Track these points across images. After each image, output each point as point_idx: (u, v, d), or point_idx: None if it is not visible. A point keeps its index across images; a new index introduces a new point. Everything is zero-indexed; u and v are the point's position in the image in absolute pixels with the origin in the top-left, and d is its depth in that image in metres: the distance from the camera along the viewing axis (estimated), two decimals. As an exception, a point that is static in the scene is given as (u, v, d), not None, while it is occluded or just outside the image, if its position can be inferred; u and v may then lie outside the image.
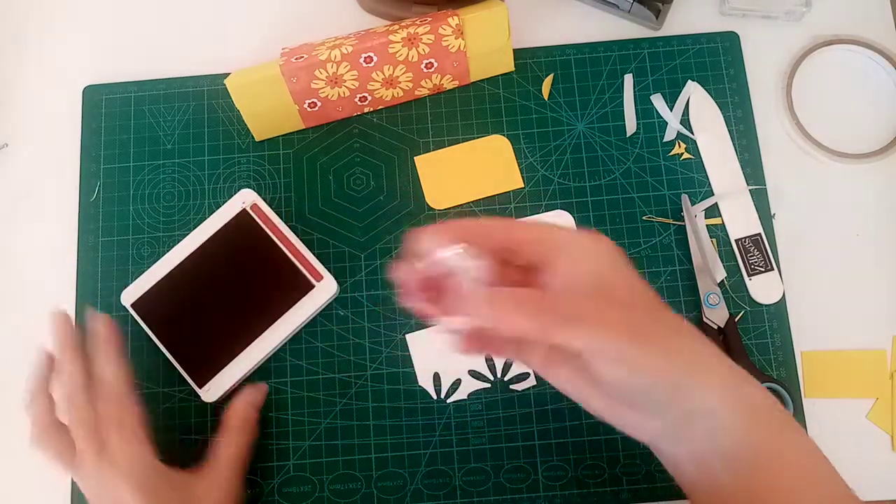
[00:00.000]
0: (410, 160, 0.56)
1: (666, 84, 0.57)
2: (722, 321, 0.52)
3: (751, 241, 0.54)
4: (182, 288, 0.52)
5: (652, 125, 0.56)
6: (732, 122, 0.56)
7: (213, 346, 0.51)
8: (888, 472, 0.50)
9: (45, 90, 0.59)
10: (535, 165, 0.56)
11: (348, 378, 0.52)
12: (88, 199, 0.56)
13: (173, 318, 0.52)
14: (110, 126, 0.57)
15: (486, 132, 0.57)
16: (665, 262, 0.54)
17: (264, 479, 0.51)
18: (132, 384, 0.46)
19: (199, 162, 0.56)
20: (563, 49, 0.58)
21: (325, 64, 0.52)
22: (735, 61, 0.57)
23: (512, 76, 0.57)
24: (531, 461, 0.51)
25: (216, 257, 0.53)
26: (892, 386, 0.52)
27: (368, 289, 0.54)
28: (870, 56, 0.57)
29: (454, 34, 0.53)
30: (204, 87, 0.58)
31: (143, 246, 0.55)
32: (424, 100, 0.57)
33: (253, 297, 0.52)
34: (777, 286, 0.53)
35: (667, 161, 0.56)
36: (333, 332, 0.53)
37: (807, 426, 0.51)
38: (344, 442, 0.51)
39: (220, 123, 0.57)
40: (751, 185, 0.55)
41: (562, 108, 0.57)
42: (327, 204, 0.55)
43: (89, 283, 0.54)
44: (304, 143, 0.57)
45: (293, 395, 0.52)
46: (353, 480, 0.51)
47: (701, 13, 0.59)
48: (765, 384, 0.50)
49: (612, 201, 0.55)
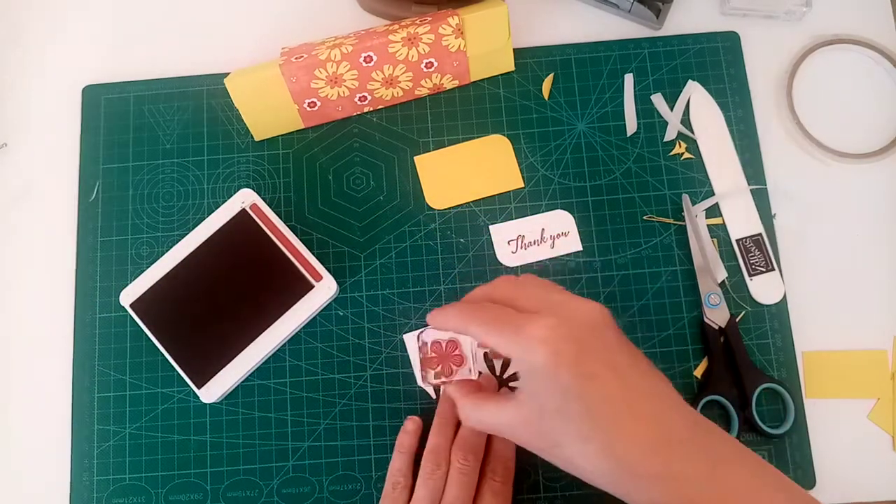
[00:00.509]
0: (410, 160, 0.56)
1: (666, 84, 0.57)
2: (723, 321, 0.52)
3: (752, 241, 0.54)
4: (181, 288, 0.52)
5: (652, 125, 0.56)
6: (733, 122, 0.56)
7: (212, 346, 0.51)
8: (889, 472, 0.50)
9: (45, 90, 0.59)
10: (535, 165, 0.56)
11: (348, 378, 0.52)
12: (88, 199, 0.56)
13: (172, 318, 0.52)
14: (110, 126, 0.57)
15: (486, 132, 0.56)
16: (666, 262, 0.54)
17: (264, 479, 0.51)
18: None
19: (198, 162, 0.56)
20: (563, 49, 0.58)
21: (325, 64, 0.52)
22: (735, 61, 0.57)
23: (512, 76, 0.57)
24: (531, 461, 0.50)
25: (215, 257, 0.53)
26: (893, 386, 0.51)
27: (368, 289, 0.54)
28: (870, 56, 0.57)
29: (454, 34, 0.53)
30: (204, 87, 0.58)
31: (142, 246, 0.55)
32: (424, 100, 0.57)
33: (252, 297, 0.52)
34: (778, 286, 0.53)
35: (667, 161, 0.56)
36: (333, 333, 0.53)
37: (808, 426, 0.50)
38: (343, 442, 0.51)
39: (220, 123, 0.57)
40: (751, 184, 0.55)
41: (562, 107, 0.57)
42: (327, 204, 0.55)
43: (89, 283, 0.54)
44: (304, 143, 0.57)
45: (293, 395, 0.52)
46: (353, 481, 0.51)
47: (701, 13, 0.59)
48: (766, 384, 0.50)
49: (612, 201, 0.55)
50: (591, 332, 0.39)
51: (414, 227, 0.55)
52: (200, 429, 0.51)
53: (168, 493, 0.51)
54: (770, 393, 0.51)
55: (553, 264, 0.54)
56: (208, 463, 0.51)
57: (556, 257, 0.54)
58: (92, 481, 0.51)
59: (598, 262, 0.54)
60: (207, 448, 0.51)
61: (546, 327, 0.38)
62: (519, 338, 0.38)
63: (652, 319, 0.53)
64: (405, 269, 0.54)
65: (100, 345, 0.53)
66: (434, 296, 0.53)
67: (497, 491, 0.45)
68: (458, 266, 0.54)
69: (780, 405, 0.51)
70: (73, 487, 0.51)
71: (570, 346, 0.37)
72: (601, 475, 0.38)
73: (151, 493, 0.51)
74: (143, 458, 0.51)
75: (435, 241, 0.54)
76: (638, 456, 0.37)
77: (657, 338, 0.52)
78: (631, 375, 0.38)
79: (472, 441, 0.46)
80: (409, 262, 0.54)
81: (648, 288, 0.53)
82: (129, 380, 0.52)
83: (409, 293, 0.53)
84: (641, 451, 0.37)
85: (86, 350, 0.53)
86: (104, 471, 0.51)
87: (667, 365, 0.52)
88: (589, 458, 0.37)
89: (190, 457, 0.51)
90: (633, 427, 0.37)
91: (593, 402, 0.37)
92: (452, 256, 0.54)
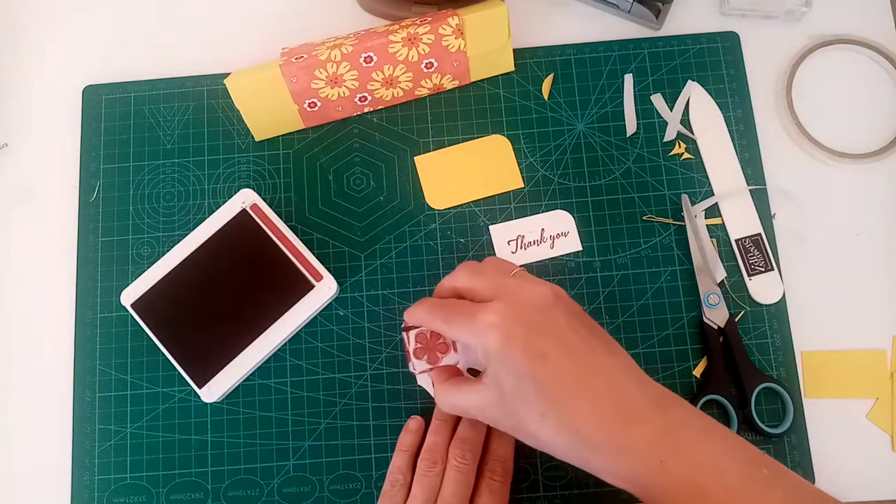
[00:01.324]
0: (410, 160, 0.56)
1: (666, 84, 0.57)
2: (722, 321, 0.52)
3: (751, 241, 0.54)
4: (182, 288, 0.52)
5: (652, 125, 0.56)
6: (732, 122, 0.56)
7: (213, 346, 0.51)
8: (888, 472, 0.50)
9: (45, 90, 0.59)
10: (535, 165, 0.56)
11: (348, 378, 0.52)
12: (88, 199, 0.56)
13: (173, 318, 0.52)
14: (110, 126, 0.57)
15: (486, 132, 0.57)
16: (665, 262, 0.54)
17: (264, 479, 0.51)
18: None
19: (198, 162, 0.56)
20: (563, 49, 0.58)
21: (325, 64, 0.52)
22: (735, 61, 0.57)
23: (512, 76, 0.57)
24: (531, 461, 0.51)
25: (216, 257, 0.53)
26: (892, 386, 0.52)
27: (368, 289, 0.54)
28: (870, 56, 0.57)
29: (454, 34, 0.53)
30: (204, 87, 0.58)
31: (142, 246, 0.55)
32: (424, 100, 0.57)
33: (253, 296, 0.52)
34: (777, 286, 0.53)
35: (667, 161, 0.56)
36: (333, 332, 0.53)
37: (807, 426, 0.51)
38: (344, 442, 0.51)
39: (220, 123, 0.57)
40: (751, 185, 0.55)
41: (562, 107, 0.57)
42: (327, 204, 0.55)
43: (89, 283, 0.54)
44: (304, 143, 0.57)
45: (293, 395, 0.52)
46: (353, 480, 0.51)
47: (701, 13, 0.59)
48: (765, 384, 0.50)
49: (612, 201, 0.55)
50: (540, 313, 0.40)
51: (414, 227, 0.55)
52: (201, 428, 0.52)
53: (169, 493, 0.51)
54: (769, 392, 0.51)
55: (553, 264, 0.54)
56: (209, 462, 0.51)
57: (556, 257, 0.54)
58: (93, 480, 0.51)
59: (597, 262, 0.54)
60: (208, 447, 0.51)
61: (496, 312, 0.40)
62: (473, 325, 0.41)
63: (651, 319, 0.53)
64: (405, 268, 0.54)
65: (100, 344, 0.53)
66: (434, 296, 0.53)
67: (495, 490, 0.45)
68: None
69: (779, 405, 0.51)
70: (73, 486, 0.51)
71: (519, 328, 0.39)
72: (562, 448, 0.39)
73: (152, 492, 0.51)
74: (144, 457, 0.51)
75: (435, 241, 0.54)
76: (592, 429, 0.38)
77: (656, 337, 0.52)
78: (583, 352, 0.39)
79: (470, 439, 0.46)
80: (409, 262, 0.54)
81: (648, 288, 0.53)
82: (129, 379, 0.52)
83: (409, 293, 0.54)
84: (595, 425, 0.38)
85: (86, 350, 0.53)
86: (105, 470, 0.51)
87: (666, 364, 0.52)
88: (549, 433, 0.39)
89: (191, 456, 0.51)
90: (586, 402, 0.38)
91: (545, 380, 0.39)
92: (452, 256, 0.54)
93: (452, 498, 0.44)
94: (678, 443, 0.38)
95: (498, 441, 0.47)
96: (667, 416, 0.39)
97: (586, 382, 0.39)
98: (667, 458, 0.37)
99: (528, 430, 0.40)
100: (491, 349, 0.39)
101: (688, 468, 0.37)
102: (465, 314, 0.42)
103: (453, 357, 0.46)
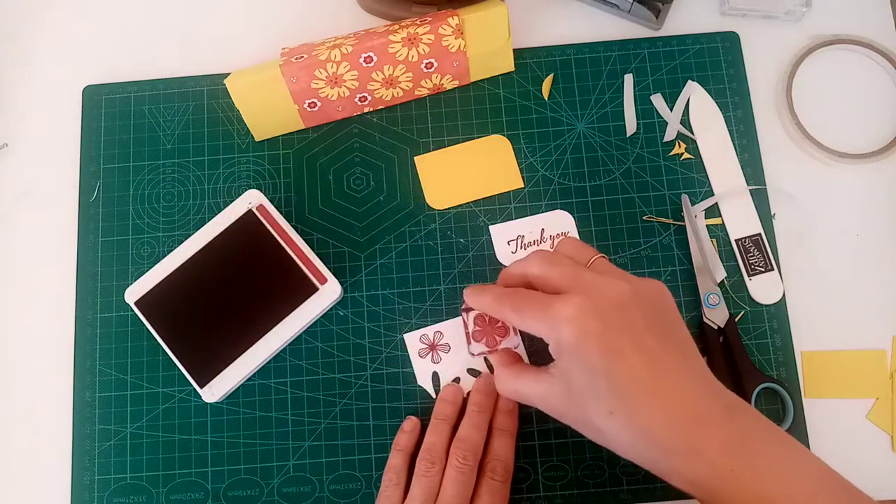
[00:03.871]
0: (410, 160, 0.56)
1: (666, 84, 0.57)
2: (722, 321, 0.52)
3: (751, 241, 0.54)
4: (186, 287, 0.52)
5: (652, 125, 0.56)
6: (732, 122, 0.56)
7: (216, 346, 0.51)
8: (888, 472, 0.51)
9: (45, 90, 0.59)
10: (535, 165, 0.56)
11: (348, 378, 0.52)
12: (88, 199, 0.56)
13: (176, 316, 0.52)
14: (110, 126, 0.57)
15: (486, 132, 0.57)
16: (665, 262, 0.54)
17: (264, 479, 0.51)
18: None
19: (198, 162, 0.56)
20: (563, 49, 0.58)
21: (325, 64, 0.52)
22: (735, 61, 0.57)
23: (512, 76, 0.57)
24: (531, 461, 0.51)
25: (221, 257, 0.53)
26: (892, 386, 0.52)
27: (368, 289, 0.54)
28: (870, 56, 0.57)
29: (454, 34, 0.53)
30: (204, 87, 0.58)
31: (142, 246, 0.55)
32: (424, 100, 0.57)
33: (257, 298, 0.52)
34: (777, 286, 0.53)
35: (667, 161, 0.56)
36: (333, 333, 0.53)
37: (807, 426, 0.51)
38: (344, 442, 0.51)
39: (220, 123, 0.57)
40: (751, 185, 0.55)
41: (562, 108, 0.57)
42: (327, 204, 0.55)
43: (89, 283, 0.54)
44: (304, 143, 0.57)
45: (293, 395, 0.52)
46: (353, 480, 0.51)
47: (701, 13, 0.59)
48: (765, 384, 0.50)
49: (612, 201, 0.55)
50: (617, 310, 0.39)
51: (414, 227, 0.55)
52: (201, 428, 0.52)
53: (169, 493, 0.51)
54: (769, 393, 0.51)
55: (553, 264, 0.54)
56: (209, 462, 0.51)
57: (556, 257, 0.54)
58: (93, 480, 0.51)
59: (597, 262, 0.54)
60: (208, 447, 0.51)
61: (573, 305, 0.39)
62: (547, 316, 0.40)
63: (651, 319, 0.53)
64: (405, 269, 0.54)
65: (100, 344, 0.53)
66: (434, 296, 0.53)
67: (495, 490, 0.45)
68: (458, 266, 0.54)
69: (779, 405, 0.51)
70: (73, 486, 0.51)
71: (595, 324, 0.38)
72: (628, 447, 0.39)
73: (152, 492, 0.51)
74: (143, 457, 0.51)
75: (435, 241, 0.54)
76: (662, 431, 0.37)
77: (657, 338, 0.52)
78: (658, 353, 0.39)
79: (471, 440, 0.46)
80: (409, 262, 0.54)
81: (648, 288, 0.53)
82: (130, 379, 0.52)
83: (410, 293, 0.54)
84: (666, 427, 0.37)
85: (87, 349, 0.53)
86: (105, 470, 0.51)
87: (666, 365, 0.52)
88: (616, 430, 0.38)
89: (191, 456, 0.51)
90: (658, 403, 0.38)
91: (618, 379, 0.38)
92: (452, 256, 0.54)
93: (453, 499, 0.44)
94: (749, 451, 0.37)
95: (499, 441, 0.47)
96: (738, 424, 0.38)
97: (659, 384, 0.38)
98: (737, 466, 0.37)
99: (595, 425, 0.39)
100: (564, 343, 0.39)
101: (757, 477, 0.37)
102: (539, 305, 0.41)
103: (513, 340, 0.46)
